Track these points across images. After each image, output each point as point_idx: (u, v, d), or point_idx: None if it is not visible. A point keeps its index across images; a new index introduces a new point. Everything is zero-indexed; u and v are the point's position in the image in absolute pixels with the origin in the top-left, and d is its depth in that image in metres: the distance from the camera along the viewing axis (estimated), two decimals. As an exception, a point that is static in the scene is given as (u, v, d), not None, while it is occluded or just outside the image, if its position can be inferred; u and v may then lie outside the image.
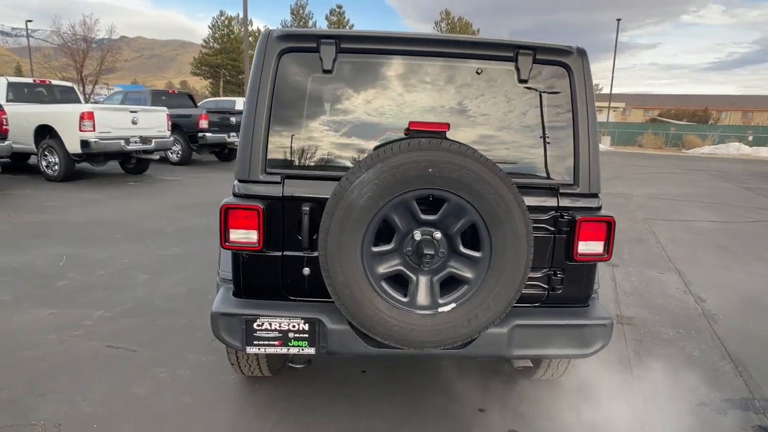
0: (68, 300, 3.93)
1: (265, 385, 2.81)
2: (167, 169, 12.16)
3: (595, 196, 2.19)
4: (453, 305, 1.93)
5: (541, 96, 2.16)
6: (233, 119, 13.19)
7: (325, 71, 2.10)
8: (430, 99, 2.18)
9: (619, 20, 32.88)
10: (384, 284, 1.93)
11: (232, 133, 13.08)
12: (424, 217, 1.89)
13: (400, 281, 1.95)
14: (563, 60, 2.14)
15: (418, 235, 1.90)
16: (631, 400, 2.73)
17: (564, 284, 2.22)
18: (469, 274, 1.92)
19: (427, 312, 1.93)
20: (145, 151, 10.42)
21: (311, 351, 2.13)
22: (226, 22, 47.69)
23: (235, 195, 2.15)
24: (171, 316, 3.68)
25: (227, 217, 2.10)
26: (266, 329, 2.10)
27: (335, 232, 1.85)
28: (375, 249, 1.90)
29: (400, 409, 2.61)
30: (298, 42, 2.10)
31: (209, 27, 48.07)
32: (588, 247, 2.17)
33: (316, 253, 2.11)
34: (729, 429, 2.53)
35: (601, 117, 39.60)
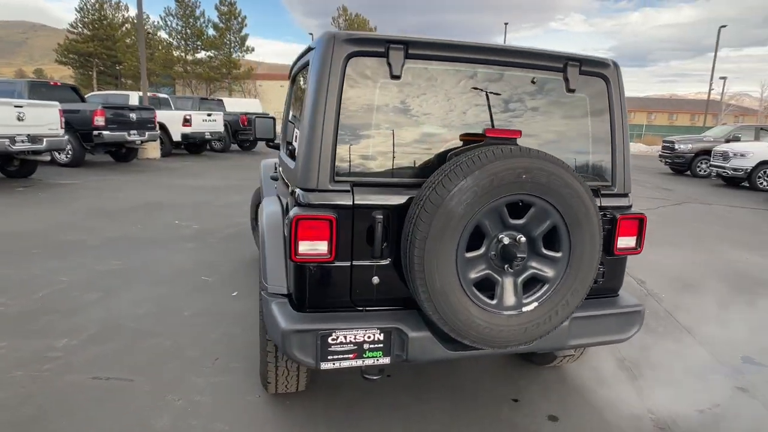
0: (15, 330, 3.39)
1: (298, 400, 2.68)
2: (57, 171, 10.80)
3: (627, 195, 2.42)
4: (535, 304, 2.02)
5: (587, 104, 2.32)
6: (133, 116, 12.10)
7: (394, 77, 2.07)
8: (492, 106, 2.24)
9: (506, 24, 35.65)
10: (474, 288, 1.96)
11: (132, 131, 11.99)
12: (511, 221, 1.96)
13: (485, 284, 2.00)
14: (602, 72, 2.32)
15: (506, 239, 1.96)
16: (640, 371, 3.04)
17: (604, 277, 2.42)
18: (549, 274, 2.02)
19: (513, 312, 2.00)
20: (35, 152, 9.18)
21: (386, 361, 2.10)
22: (97, 5, 43.15)
23: (300, 205, 2.04)
24: (151, 339, 3.34)
25: (297, 229, 1.98)
26: (341, 343, 2.03)
27: (433, 240, 1.84)
28: (468, 255, 1.93)
29: (443, 411, 2.66)
30: (367, 46, 2.04)
31: (77, 10, 43.15)
32: (625, 242, 2.38)
33: (384, 262, 2.09)
34: (721, 382, 2.93)
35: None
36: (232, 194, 9.16)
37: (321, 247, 2.04)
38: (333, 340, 2.02)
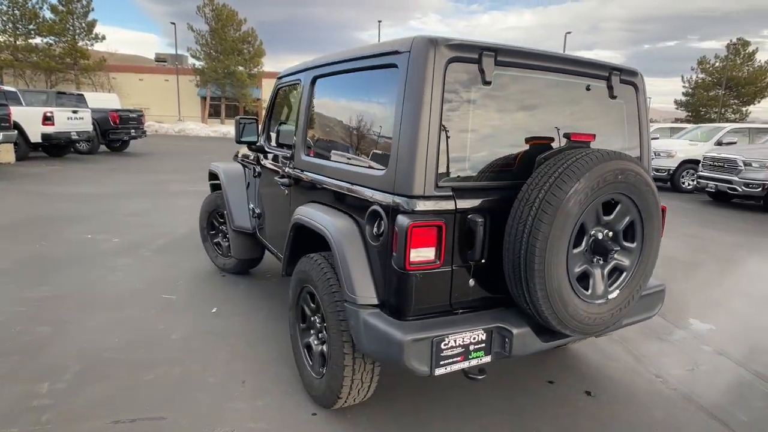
0: (-31, 380, 2.77)
1: (359, 412, 2.61)
2: None
3: None
4: (618, 291, 2.24)
5: (624, 110, 2.60)
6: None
7: (486, 83, 2.12)
8: (559, 111, 2.40)
9: (380, 22, 36.69)
10: (576, 282, 2.11)
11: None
12: (604, 218, 2.14)
13: (580, 277, 2.16)
14: (633, 80, 2.61)
15: (600, 235, 2.14)
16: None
17: (635, 262, 2.74)
18: (626, 263, 2.25)
19: (602, 300, 2.20)
20: None
21: (487, 359, 2.16)
22: None
23: (405, 213, 2.01)
24: (154, 369, 2.97)
25: (411, 237, 1.96)
26: (451, 347, 2.05)
27: (553, 240, 1.95)
28: (574, 251, 2.07)
29: (498, 398, 2.78)
30: (463, 52, 2.07)
31: None
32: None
33: (481, 263, 2.16)
34: (694, 347, 3.47)
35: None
36: (134, 201, 8.27)
37: (429, 253, 2.03)
38: (445, 345, 2.04)
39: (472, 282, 2.19)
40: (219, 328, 3.58)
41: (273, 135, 3.54)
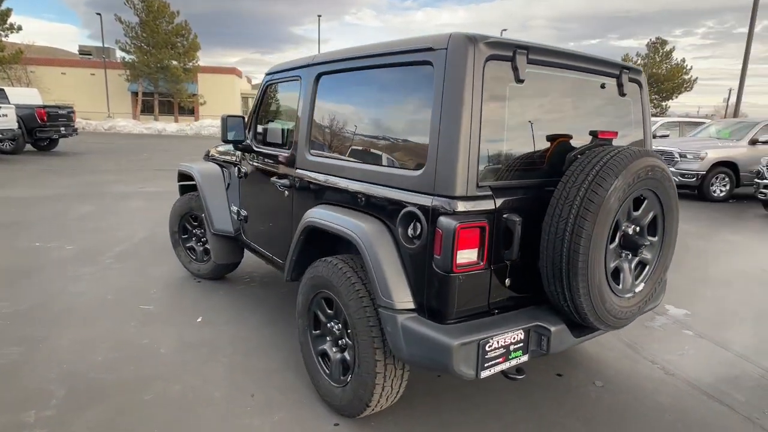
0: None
1: (382, 421, 2.53)
2: None
3: None
4: (643, 284, 2.30)
5: (631, 107, 2.67)
6: None
7: (519, 81, 2.11)
8: (581, 108, 2.42)
9: (320, 16, 36.28)
10: (610, 277, 2.15)
11: None
12: (633, 213, 2.19)
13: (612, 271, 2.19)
14: (638, 78, 2.69)
15: (629, 230, 2.18)
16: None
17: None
18: (649, 256, 2.32)
19: (630, 294, 2.25)
20: None
21: (525, 359, 2.16)
22: None
23: (448, 214, 1.96)
24: (149, 386, 2.75)
25: (458, 239, 1.91)
26: (494, 348, 2.03)
27: (596, 237, 1.97)
28: (610, 247, 2.10)
29: (514, 393, 2.80)
30: (500, 50, 2.03)
31: None
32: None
33: (518, 262, 2.16)
34: (679, 334, 3.66)
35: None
36: (78, 204, 7.69)
37: (473, 255, 1.99)
38: (489, 347, 2.01)
39: (508, 281, 2.17)
40: (209, 338, 3.37)
41: (264, 133, 3.37)
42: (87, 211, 7.23)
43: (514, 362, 2.12)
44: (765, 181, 8.36)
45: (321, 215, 2.52)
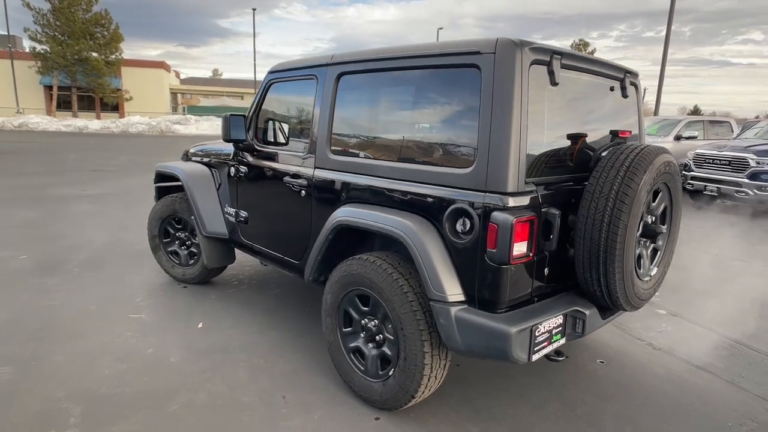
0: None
1: (420, 411, 2.62)
2: None
3: None
4: (656, 269, 2.54)
5: (630, 108, 2.91)
6: None
7: (554, 84, 2.25)
8: (597, 109, 2.62)
9: (254, 9, 35.22)
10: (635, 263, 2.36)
11: None
12: (652, 204, 2.41)
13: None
14: (636, 81, 2.94)
15: (649, 220, 2.41)
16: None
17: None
18: (660, 243, 2.56)
19: (648, 278, 2.48)
20: None
21: (563, 341, 2.33)
22: None
23: (502, 209, 2.07)
24: (171, 398, 2.67)
25: (515, 232, 2.03)
26: (541, 333, 2.18)
27: (631, 228, 2.16)
28: (637, 235, 2.30)
29: (517, 382, 2.98)
30: (541, 54, 2.17)
31: None
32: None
33: (555, 253, 2.32)
34: (654, 314, 4.01)
35: (248, 103, 41.07)
36: (18, 210, 7.11)
37: (523, 247, 2.12)
38: (538, 332, 2.15)
39: (546, 271, 2.32)
40: (218, 344, 3.29)
41: (271, 133, 3.32)
42: (30, 218, 6.69)
43: (555, 345, 2.28)
44: (692, 173, 9.20)
45: (356, 214, 2.55)
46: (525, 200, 2.12)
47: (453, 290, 2.20)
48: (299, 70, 3.15)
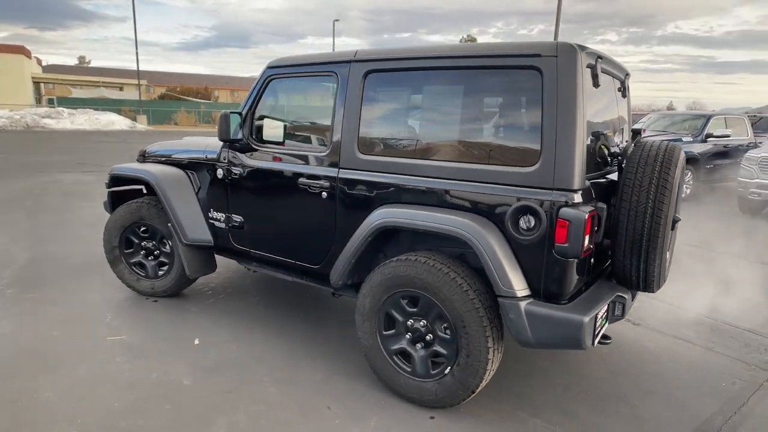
0: None
1: (472, 407, 2.66)
2: None
3: None
4: (669, 252, 2.83)
5: (627, 105, 3.18)
6: None
7: (596, 85, 2.40)
8: (613, 107, 2.82)
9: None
10: (663, 249, 2.60)
11: None
12: (673, 195, 2.67)
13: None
14: (628, 82, 3.22)
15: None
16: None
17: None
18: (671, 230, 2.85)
19: (667, 261, 2.75)
20: None
21: (607, 325, 2.52)
22: None
23: (569, 205, 2.18)
24: (209, 424, 2.44)
25: (587, 226, 2.16)
26: (597, 319, 2.34)
27: (669, 218, 2.39)
28: (666, 224, 2.55)
29: (536, 365, 3.16)
30: (592, 59, 2.30)
31: None
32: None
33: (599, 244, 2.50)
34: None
35: (128, 95, 37.58)
36: None
37: (587, 240, 2.25)
38: (597, 320, 2.31)
39: (592, 261, 2.49)
40: (225, 360, 3.06)
41: (276, 131, 3.13)
42: None
43: (603, 329, 2.46)
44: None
45: (405, 215, 2.51)
46: (586, 196, 2.25)
47: (520, 285, 2.28)
48: (311, 66, 3.00)
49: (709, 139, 9.40)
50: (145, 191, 4.12)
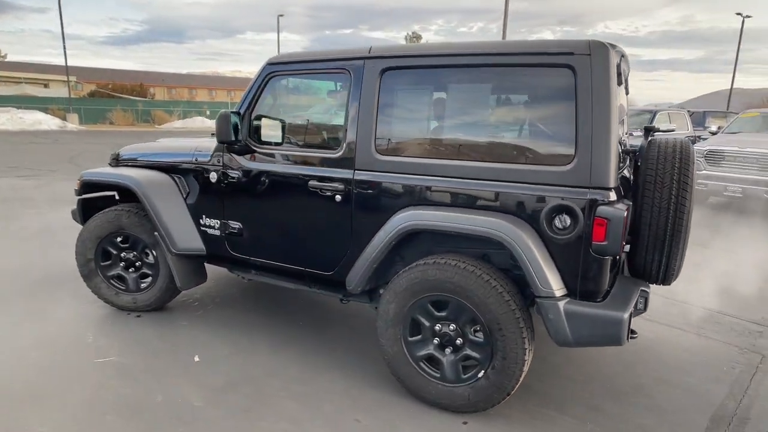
0: None
1: (505, 409, 2.63)
2: None
3: None
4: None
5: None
6: None
7: (621, 83, 2.43)
8: (624, 105, 2.86)
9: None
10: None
11: None
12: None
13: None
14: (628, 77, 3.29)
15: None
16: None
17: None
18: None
19: (678, 254, 2.84)
20: None
21: (633, 319, 2.56)
22: None
23: (606, 204, 2.19)
24: (235, 447, 2.28)
25: (625, 224, 2.18)
26: (630, 314, 2.37)
27: (690, 212, 2.46)
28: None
29: (553, 363, 3.18)
30: (618, 57, 2.32)
31: None
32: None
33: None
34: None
35: (55, 92, 34.98)
36: None
37: (622, 240, 2.27)
38: (630, 314, 2.34)
39: (623, 256, 2.52)
40: (234, 376, 2.87)
41: (278, 132, 2.97)
42: None
43: (631, 323, 2.49)
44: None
45: (434, 217, 2.44)
46: (617, 193, 2.27)
47: (557, 285, 2.27)
48: (317, 63, 2.86)
49: (656, 134, 9.94)
50: (117, 198, 3.82)
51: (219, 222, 3.26)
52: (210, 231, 3.31)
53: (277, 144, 2.99)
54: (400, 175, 2.60)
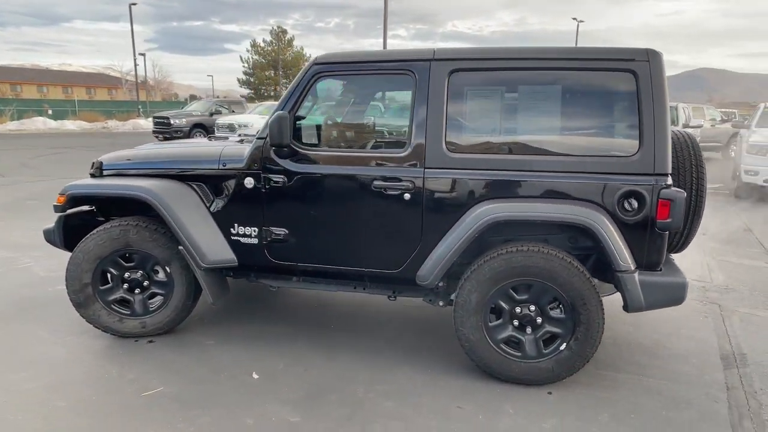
0: None
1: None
2: None
3: None
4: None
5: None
6: None
7: (654, 85, 2.84)
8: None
9: None
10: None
11: None
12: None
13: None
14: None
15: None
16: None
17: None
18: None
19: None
20: None
21: None
22: None
23: (668, 187, 2.58)
24: None
25: (684, 203, 2.60)
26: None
27: (706, 190, 2.97)
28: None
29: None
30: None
31: None
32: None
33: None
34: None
35: None
36: None
37: None
38: (684, 279, 2.78)
39: None
40: (308, 387, 2.77)
41: (333, 133, 2.91)
42: None
43: None
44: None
45: (519, 209, 2.63)
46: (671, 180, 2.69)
47: (630, 260, 2.61)
48: (375, 64, 2.86)
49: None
50: (96, 213, 3.41)
51: (257, 229, 3.08)
52: (244, 240, 3.11)
53: (327, 145, 2.94)
54: (475, 171, 2.74)
